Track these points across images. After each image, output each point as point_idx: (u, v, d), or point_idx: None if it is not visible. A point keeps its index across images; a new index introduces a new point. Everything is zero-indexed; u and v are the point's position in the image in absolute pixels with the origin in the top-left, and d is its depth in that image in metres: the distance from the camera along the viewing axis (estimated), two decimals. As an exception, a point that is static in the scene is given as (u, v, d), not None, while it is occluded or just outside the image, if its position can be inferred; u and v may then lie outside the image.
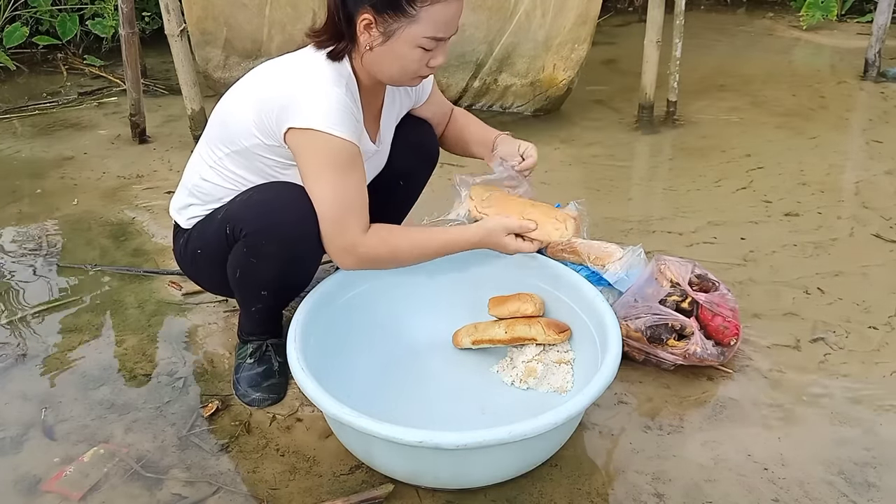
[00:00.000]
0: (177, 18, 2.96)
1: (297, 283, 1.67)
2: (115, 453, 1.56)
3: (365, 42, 1.49)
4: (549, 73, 3.28)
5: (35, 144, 3.30)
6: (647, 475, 1.47)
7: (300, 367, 1.41)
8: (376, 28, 1.46)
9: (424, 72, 1.54)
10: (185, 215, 1.71)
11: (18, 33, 4.09)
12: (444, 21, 1.46)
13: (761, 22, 5.10)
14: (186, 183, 1.72)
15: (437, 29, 1.46)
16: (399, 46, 1.47)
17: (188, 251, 1.71)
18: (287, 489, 1.46)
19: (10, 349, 1.91)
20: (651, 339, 1.69)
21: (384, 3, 1.43)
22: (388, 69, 1.52)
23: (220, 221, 1.60)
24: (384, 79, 1.56)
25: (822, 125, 3.28)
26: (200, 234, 1.67)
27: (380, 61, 1.51)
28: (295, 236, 1.53)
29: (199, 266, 1.73)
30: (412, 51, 1.48)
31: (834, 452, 1.51)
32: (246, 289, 1.66)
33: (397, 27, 1.45)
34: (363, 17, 1.46)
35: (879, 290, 2.06)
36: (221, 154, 1.61)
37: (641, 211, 2.59)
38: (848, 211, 2.52)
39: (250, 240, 1.54)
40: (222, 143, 1.61)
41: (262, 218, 1.53)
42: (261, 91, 1.55)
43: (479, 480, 1.42)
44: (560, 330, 1.65)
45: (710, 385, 1.71)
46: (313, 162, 1.49)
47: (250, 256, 1.56)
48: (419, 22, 1.45)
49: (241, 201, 1.58)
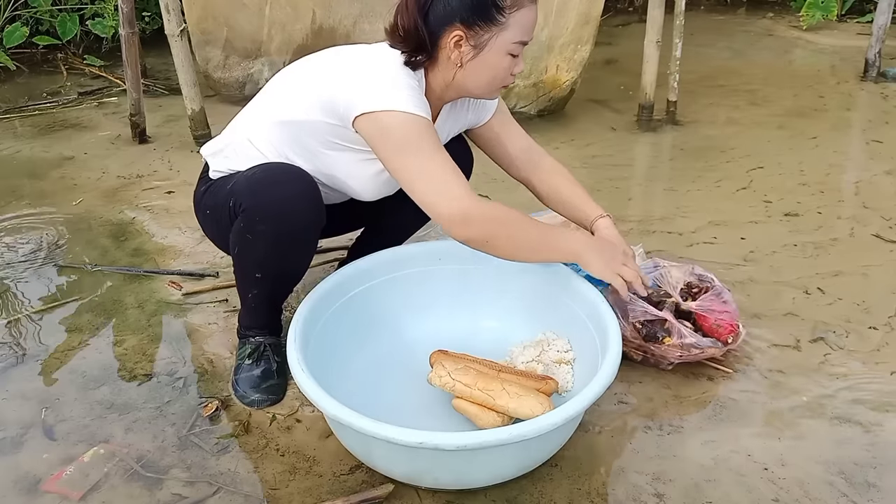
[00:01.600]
0: (177, 18, 2.96)
1: (289, 267, 1.67)
2: (115, 453, 1.56)
3: (456, 59, 1.50)
4: (552, 75, 3.29)
5: (35, 144, 3.30)
6: (647, 475, 1.47)
7: (300, 367, 1.41)
8: (467, 42, 1.48)
9: (508, 80, 1.57)
10: (214, 163, 1.72)
11: (18, 33, 4.10)
12: (529, 24, 1.51)
13: (761, 22, 5.11)
14: (226, 134, 1.72)
15: (524, 33, 1.50)
16: (491, 57, 1.50)
17: (203, 203, 1.74)
18: (287, 489, 1.46)
19: (10, 349, 1.91)
20: (647, 338, 1.70)
21: (475, 15, 1.46)
22: (479, 81, 1.54)
23: (228, 192, 1.61)
24: (471, 91, 1.58)
25: (822, 125, 3.28)
26: (214, 194, 1.69)
27: (471, 74, 1.53)
28: (283, 214, 1.53)
29: (208, 220, 1.76)
30: (503, 59, 1.51)
31: (834, 452, 1.51)
32: (242, 268, 1.66)
33: (489, 37, 1.48)
34: (454, 34, 1.47)
35: (879, 290, 2.06)
36: (270, 121, 1.62)
37: (641, 211, 2.59)
38: (848, 211, 2.52)
39: (247, 215, 1.56)
40: (276, 112, 1.61)
41: (257, 195, 1.54)
42: (328, 75, 1.54)
43: (479, 481, 1.42)
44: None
45: (710, 385, 1.71)
46: (393, 142, 1.46)
47: (246, 232, 1.57)
48: (509, 28, 1.48)
49: (246, 176, 1.59)
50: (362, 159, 1.60)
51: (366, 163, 1.60)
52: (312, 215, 1.59)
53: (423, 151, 1.46)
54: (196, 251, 2.35)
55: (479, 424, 1.46)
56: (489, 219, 1.47)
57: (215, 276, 2.20)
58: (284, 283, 1.72)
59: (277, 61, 3.57)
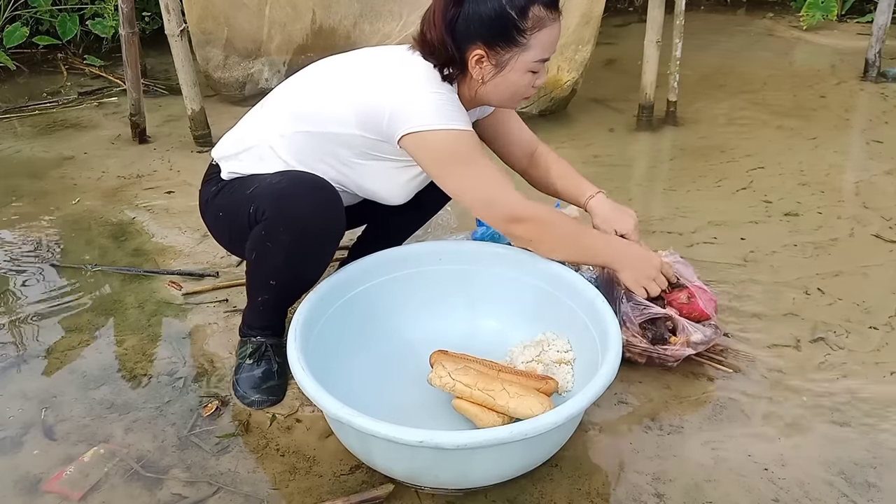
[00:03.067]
0: (177, 18, 2.96)
1: (305, 277, 1.67)
2: (116, 453, 1.56)
3: (478, 75, 1.54)
4: (553, 75, 3.28)
5: (35, 144, 3.30)
6: (647, 475, 1.47)
7: (300, 366, 1.41)
8: (488, 61, 1.51)
9: (529, 93, 1.60)
10: (229, 166, 1.70)
11: (19, 33, 4.10)
12: (550, 43, 1.53)
13: (761, 22, 5.11)
14: (244, 136, 1.69)
15: (544, 52, 1.52)
16: (513, 75, 1.54)
17: (214, 203, 1.71)
18: (287, 489, 1.46)
19: (10, 349, 1.91)
20: (654, 341, 1.69)
21: (496, 37, 1.49)
22: (501, 96, 1.59)
23: (248, 197, 1.60)
24: (493, 104, 1.64)
25: (823, 125, 3.28)
26: (230, 197, 1.67)
27: (493, 91, 1.57)
28: (308, 228, 1.54)
29: (219, 222, 1.74)
30: (524, 76, 1.54)
31: (834, 453, 1.51)
32: (258, 273, 1.66)
33: (509, 57, 1.51)
34: (475, 52, 1.50)
35: (879, 290, 2.06)
36: (297, 129, 1.61)
37: (642, 211, 2.58)
38: (848, 211, 2.52)
39: (269, 224, 1.56)
40: (305, 121, 1.60)
41: (282, 205, 1.54)
42: (364, 90, 1.54)
43: (479, 480, 1.42)
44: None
45: (710, 385, 1.71)
46: (439, 160, 1.52)
47: (266, 241, 1.57)
48: (530, 49, 1.50)
49: (270, 184, 1.58)
50: (397, 167, 1.61)
51: (400, 170, 1.62)
52: (335, 230, 1.61)
53: (471, 163, 1.53)
54: (196, 251, 2.35)
55: (480, 425, 1.46)
56: (538, 221, 1.58)
57: (215, 276, 2.20)
58: (296, 291, 1.72)
59: (277, 61, 3.57)
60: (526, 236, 1.61)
